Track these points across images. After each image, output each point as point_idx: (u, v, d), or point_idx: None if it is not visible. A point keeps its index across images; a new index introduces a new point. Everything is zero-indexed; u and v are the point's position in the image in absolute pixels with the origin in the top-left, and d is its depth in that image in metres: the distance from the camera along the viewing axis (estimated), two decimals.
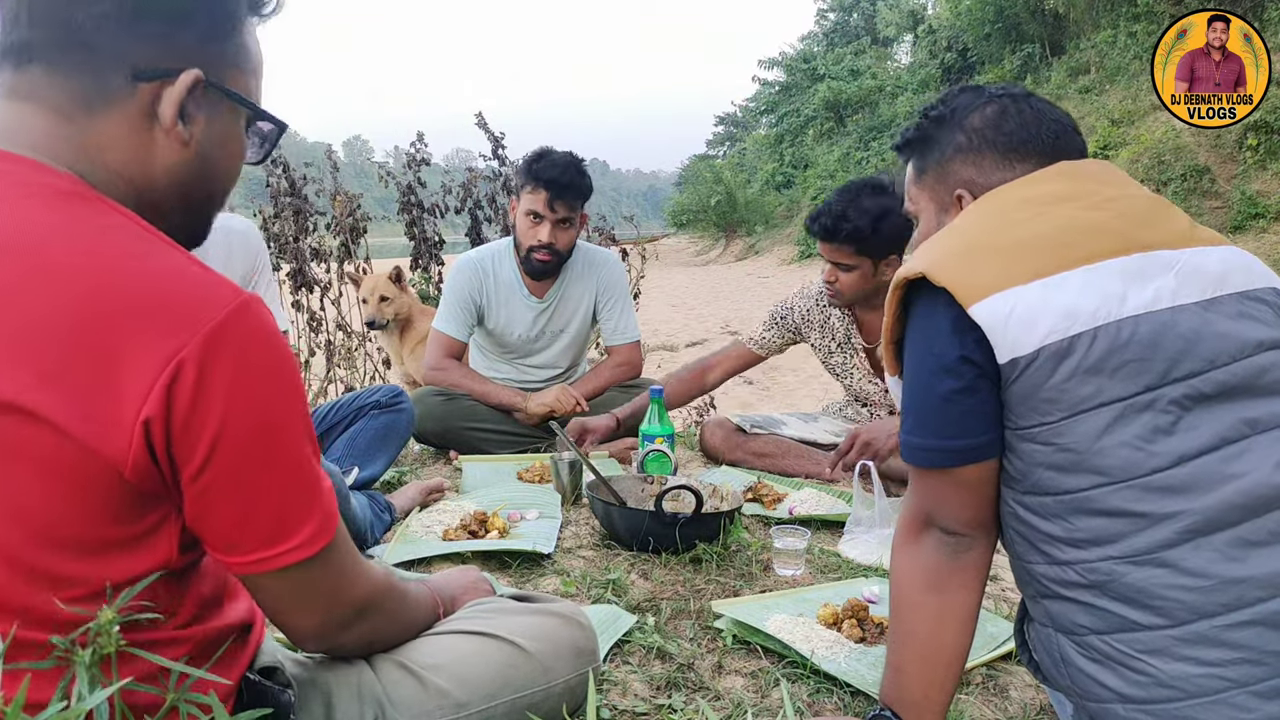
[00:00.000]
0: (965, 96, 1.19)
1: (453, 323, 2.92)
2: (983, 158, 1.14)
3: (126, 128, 0.77)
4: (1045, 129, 1.13)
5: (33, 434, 0.66)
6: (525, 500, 2.27)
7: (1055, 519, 0.95)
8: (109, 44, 0.74)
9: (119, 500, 0.70)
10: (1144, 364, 0.91)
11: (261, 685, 0.91)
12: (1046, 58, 20.18)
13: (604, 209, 37.37)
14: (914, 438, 1.02)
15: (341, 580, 0.88)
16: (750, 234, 28.55)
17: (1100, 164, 1.12)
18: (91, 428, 0.66)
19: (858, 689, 1.36)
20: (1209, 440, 0.90)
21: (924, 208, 1.23)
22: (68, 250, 0.69)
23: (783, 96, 34.40)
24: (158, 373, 0.67)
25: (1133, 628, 0.91)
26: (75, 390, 0.65)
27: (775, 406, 3.79)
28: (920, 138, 1.22)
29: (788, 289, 3.77)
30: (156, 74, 0.76)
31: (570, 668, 1.17)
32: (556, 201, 2.73)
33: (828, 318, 2.72)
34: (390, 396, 2.39)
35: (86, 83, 0.75)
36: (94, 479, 0.68)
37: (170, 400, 0.68)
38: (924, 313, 1.00)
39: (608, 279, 3.00)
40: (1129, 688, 0.91)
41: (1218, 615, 0.88)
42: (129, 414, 0.67)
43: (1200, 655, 0.88)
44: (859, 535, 2.05)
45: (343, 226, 4.60)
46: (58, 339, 0.66)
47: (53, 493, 0.68)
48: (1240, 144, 11.61)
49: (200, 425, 0.70)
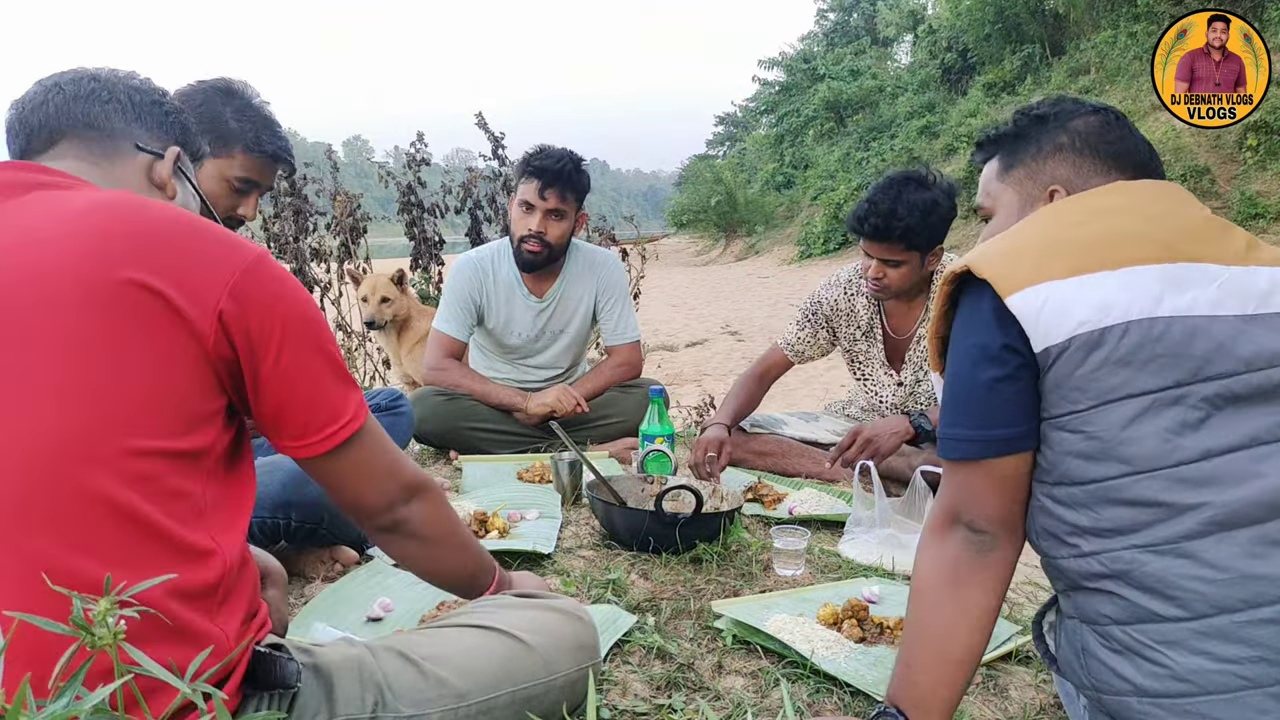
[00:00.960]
0: (1066, 104, 1.23)
1: (452, 322, 2.92)
2: (1082, 160, 1.17)
3: (138, 176, 1.07)
4: (1141, 146, 1.17)
5: (158, 305, 0.86)
6: (525, 500, 2.27)
7: (1082, 509, 0.96)
8: (116, 128, 1.06)
9: (202, 374, 0.89)
10: (1175, 360, 0.92)
11: (270, 656, 0.93)
12: (1046, 58, 20.18)
13: (604, 209, 37.34)
14: (953, 429, 1.03)
15: (391, 455, 1.06)
16: (750, 234, 28.54)
17: (1168, 184, 1.13)
18: (193, 311, 0.87)
19: (858, 689, 1.36)
20: (1239, 438, 0.91)
21: (1005, 203, 1.24)
22: (145, 204, 0.93)
23: (783, 96, 34.39)
24: (225, 282, 0.89)
25: (1152, 618, 0.92)
26: (180, 280, 0.87)
27: (776, 406, 3.78)
28: (1016, 134, 1.24)
29: (788, 289, 3.77)
30: (150, 150, 1.08)
31: (571, 662, 1.18)
32: (547, 190, 2.75)
33: (854, 305, 2.71)
34: (390, 400, 2.40)
35: (105, 146, 1.05)
36: (192, 352, 0.88)
37: (238, 300, 0.89)
38: (969, 305, 1.03)
39: (608, 279, 3.00)
40: (1145, 679, 0.92)
41: (1238, 611, 0.88)
42: (211, 306, 0.88)
43: (1217, 650, 0.88)
44: (859, 535, 2.05)
45: (343, 226, 4.60)
46: (159, 247, 0.88)
47: (168, 357, 0.86)
48: (1240, 144, 11.62)
49: (270, 322, 0.92)
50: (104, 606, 0.57)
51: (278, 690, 0.94)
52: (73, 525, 0.80)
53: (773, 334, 10.32)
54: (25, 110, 1.04)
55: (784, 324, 2.91)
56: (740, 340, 9.93)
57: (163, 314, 0.86)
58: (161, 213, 0.92)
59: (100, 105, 1.05)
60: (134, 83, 1.10)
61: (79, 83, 1.05)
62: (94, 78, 1.07)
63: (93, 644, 0.59)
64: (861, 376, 2.80)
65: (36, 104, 1.04)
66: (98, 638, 0.58)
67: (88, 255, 0.85)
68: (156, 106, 1.11)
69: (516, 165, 2.87)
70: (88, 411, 0.82)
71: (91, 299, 0.84)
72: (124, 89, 1.08)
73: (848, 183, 22.23)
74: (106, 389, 0.83)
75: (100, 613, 0.58)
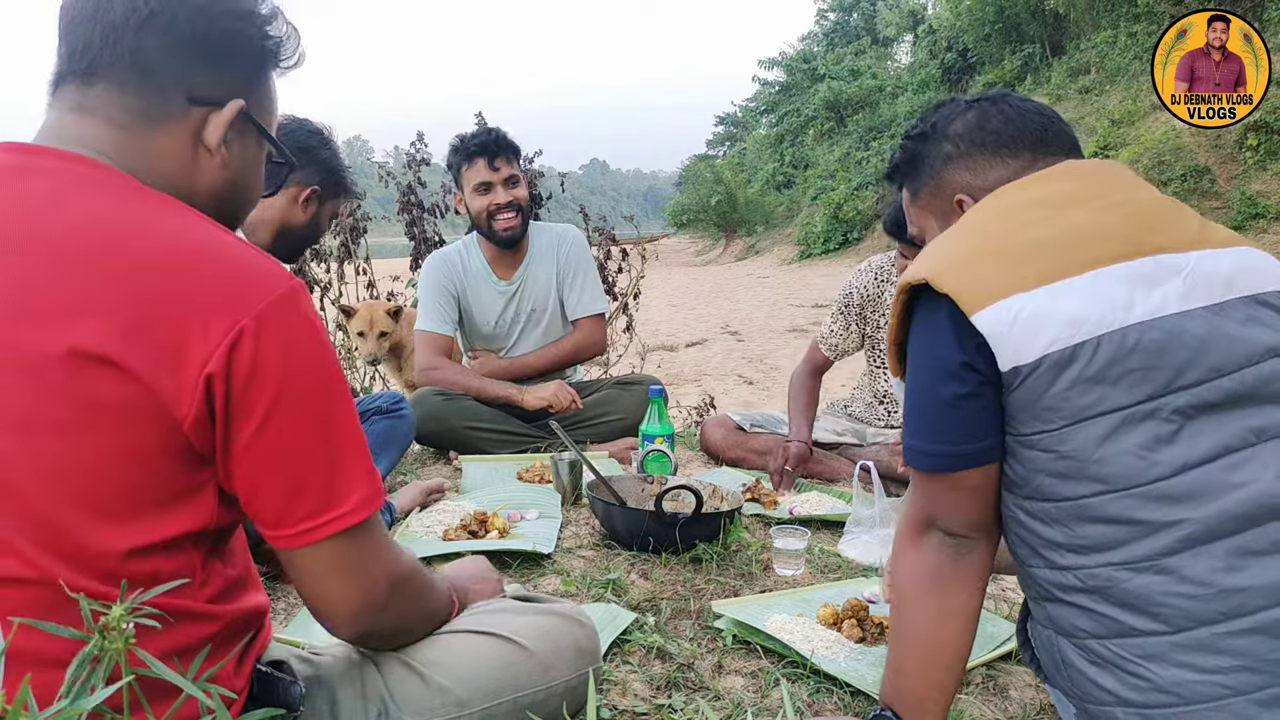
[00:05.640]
0: (942, 110, 1.21)
1: (434, 318, 2.94)
2: (974, 160, 1.15)
3: (177, 144, 0.87)
4: (1029, 122, 1.14)
5: (116, 384, 0.72)
6: (525, 500, 2.27)
7: (1056, 525, 0.95)
8: (170, 70, 0.85)
9: (177, 455, 0.76)
10: (1148, 373, 0.90)
11: (272, 676, 0.92)
12: (1047, 58, 20.18)
13: (604, 209, 37.30)
14: (916, 441, 1.01)
15: (378, 553, 0.90)
16: (750, 234, 28.55)
17: (1110, 164, 1.11)
18: (165, 380, 0.73)
19: (858, 689, 1.36)
20: (1212, 449, 0.90)
21: (928, 227, 1.23)
22: (140, 226, 0.78)
23: (783, 96, 34.40)
24: (222, 336, 0.75)
25: (1131, 633, 0.91)
26: (153, 345, 0.73)
27: (776, 406, 3.78)
28: (906, 159, 1.23)
29: (788, 289, 3.77)
30: (208, 100, 0.87)
31: (572, 667, 1.18)
32: (496, 159, 2.83)
33: (883, 292, 2.72)
34: (392, 403, 2.40)
35: (148, 101, 0.85)
36: (162, 431, 0.75)
37: (231, 361, 0.75)
38: (927, 318, 1.00)
39: (568, 252, 3.03)
40: (1128, 692, 0.91)
41: (1217, 623, 0.87)
42: (194, 369, 0.74)
43: (1199, 662, 0.88)
44: (859, 535, 2.05)
45: (343, 226, 4.59)
46: (136, 299, 0.74)
47: (127, 442, 0.74)
48: (1240, 144, 11.61)
49: (261, 385, 0.77)
50: (117, 612, 0.57)
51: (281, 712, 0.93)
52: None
53: (772, 334, 10.34)
54: (73, 21, 0.85)
55: (784, 324, 2.91)
56: (740, 340, 9.92)
57: (124, 395, 0.73)
58: (156, 250, 0.77)
59: (155, 37, 0.83)
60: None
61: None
62: None
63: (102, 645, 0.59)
64: (880, 365, 2.80)
65: (84, 18, 0.84)
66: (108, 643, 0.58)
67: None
68: (229, 36, 0.87)
69: (448, 162, 2.96)
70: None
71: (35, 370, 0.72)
72: (190, 10, 0.85)
73: (847, 183, 22.24)
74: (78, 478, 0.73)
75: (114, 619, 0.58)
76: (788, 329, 10.49)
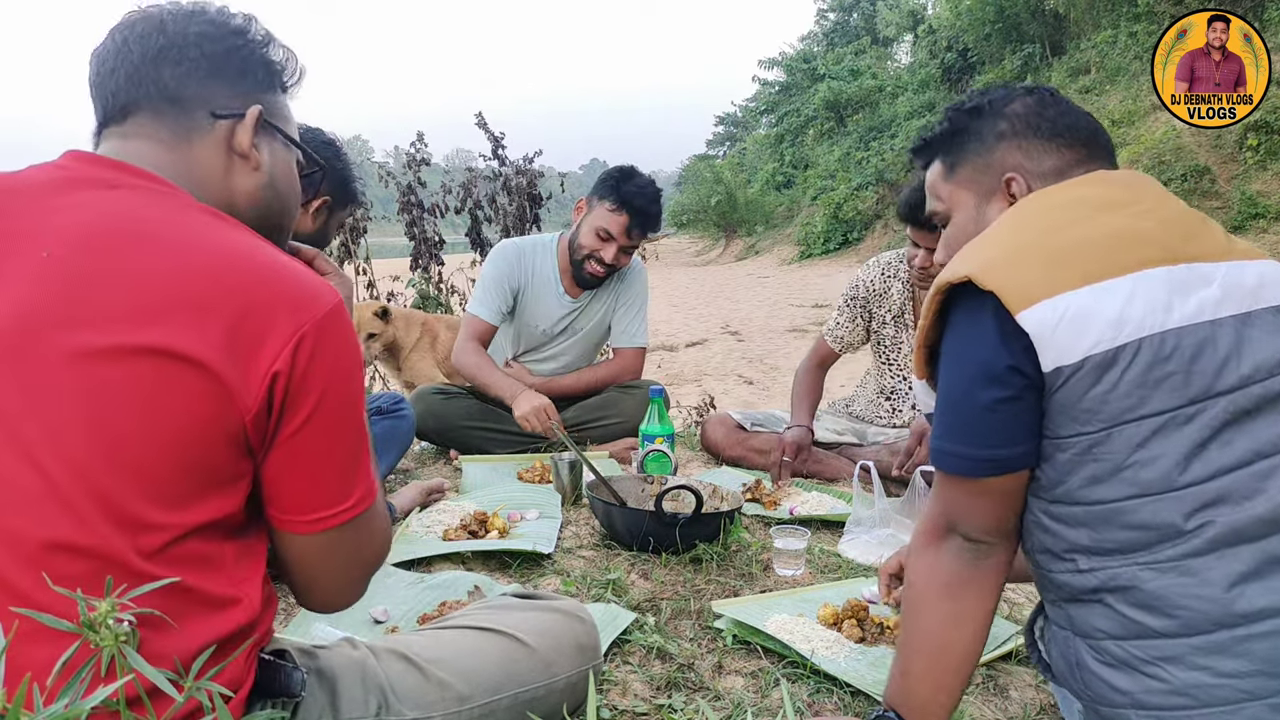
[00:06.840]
0: (999, 91, 1.19)
1: (486, 306, 2.90)
2: (1029, 143, 1.14)
3: (214, 155, 0.97)
4: (1083, 120, 1.14)
5: (196, 377, 0.80)
6: (525, 500, 2.27)
7: (1082, 528, 0.95)
8: (191, 92, 0.95)
9: (234, 445, 0.83)
10: (1186, 377, 0.91)
11: (274, 664, 0.93)
12: (1047, 58, 20.17)
13: None
14: (948, 444, 1.00)
15: (373, 537, 0.97)
16: (750, 234, 28.53)
17: (1141, 175, 1.12)
18: (237, 375, 0.81)
19: (858, 689, 1.36)
20: (1245, 454, 0.90)
21: (961, 203, 1.20)
22: (213, 242, 0.86)
23: (783, 96, 34.38)
24: (288, 339, 0.83)
25: (1150, 634, 0.91)
26: (236, 343, 0.81)
27: (776, 405, 3.79)
28: (953, 131, 1.20)
29: (788, 289, 3.77)
30: (230, 113, 0.97)
31: (572, 664, 1.18)
32: (634, 230, 2.77)
33: (889, 288, 2.72)
34: (392, 403, 2.41)
35: (180, 122, 0.95)
36: (229, 422, 0.82)
37: (294, 362, 0.83)
38: (969, 318, 0.98)
39: (631, 286, 3.02)
40: (1143, 693, 0.91)
41: (1237, 626, 0.87)
42: (264, 366, 0.82)
43: (1216, 665, 0.88)
44: (859, 535, 2.05)
45: (343, 226, 4.59)
46: (224, 301, 0.82)
47: (196, 430, 0.81)
48: (1240, 144, 11.60)
49: (311, 386, 0.85)
50: (104, 608, 0.57)
51: (282, 699, 0.94)
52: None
53: (772, 334, 10.34)
54: (100, 74, 0.95)
55: (784, 324, 2.91)
56: (740, 340, 9.92)
57: (199, 388, 0.80)
58: (231, 264, 0.85)
59: (171, 68, 0.93)
60: (203, 26, 0.96)
61: (146, 40, 0.93)
62: (161, 29, 0.94)
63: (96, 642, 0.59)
64: (886, 360, 2.79)
65: (107, 71, 0.94)
66: (101, 639, 0.58)
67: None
68: (233, 53, 0.97)
69: (601, 179, 2.83)
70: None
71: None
72: (194, 39, 0.95)
73: (847, 183, 22.23)
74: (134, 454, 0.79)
75: (101, 614, 0.58)
76: (788, 329, 10.48)
